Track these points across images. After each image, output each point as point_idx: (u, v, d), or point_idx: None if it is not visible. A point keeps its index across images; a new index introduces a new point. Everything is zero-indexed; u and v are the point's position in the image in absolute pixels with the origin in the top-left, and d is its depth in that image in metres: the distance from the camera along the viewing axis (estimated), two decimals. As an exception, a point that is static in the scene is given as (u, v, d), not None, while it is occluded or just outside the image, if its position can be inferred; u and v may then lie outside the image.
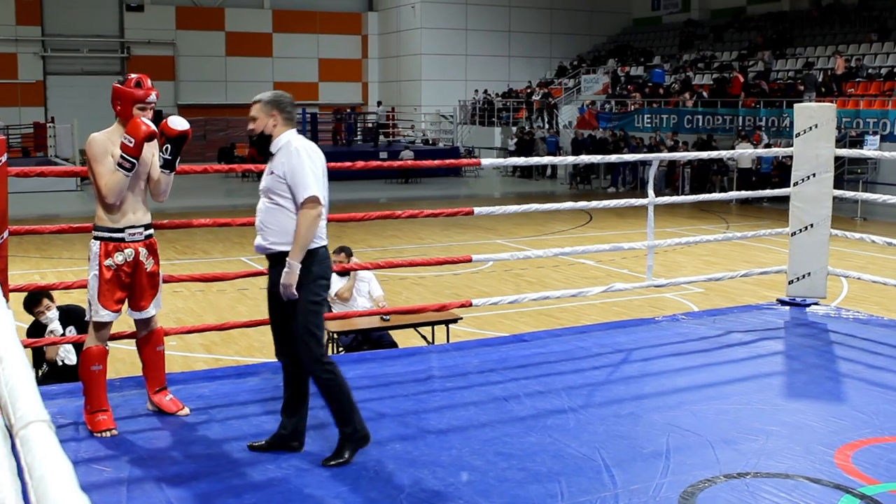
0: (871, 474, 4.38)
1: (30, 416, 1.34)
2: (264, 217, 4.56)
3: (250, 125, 4.64)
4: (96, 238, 4.98)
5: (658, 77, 33.10)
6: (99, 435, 4.86)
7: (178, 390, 5.52)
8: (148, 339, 5.31)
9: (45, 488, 1.14)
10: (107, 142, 4.92)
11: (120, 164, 4.82)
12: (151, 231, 5.16)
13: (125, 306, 5.14)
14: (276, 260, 4.54)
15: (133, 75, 5.09)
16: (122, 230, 4.96)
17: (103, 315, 4.97)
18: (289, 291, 4.44)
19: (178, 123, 5.01)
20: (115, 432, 4.90)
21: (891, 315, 8.90)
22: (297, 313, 4.52)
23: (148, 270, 5.10)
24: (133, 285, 5.07)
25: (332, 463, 4.47)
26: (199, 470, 4.49)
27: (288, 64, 41.71)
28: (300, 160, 4.44)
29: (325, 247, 4.60)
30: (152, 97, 5.03)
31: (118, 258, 4.96)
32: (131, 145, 4.78)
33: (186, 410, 5.25)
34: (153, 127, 4.85)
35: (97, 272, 4.95)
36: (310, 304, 4.50)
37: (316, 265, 4.50)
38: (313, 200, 4.40)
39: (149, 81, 5.08)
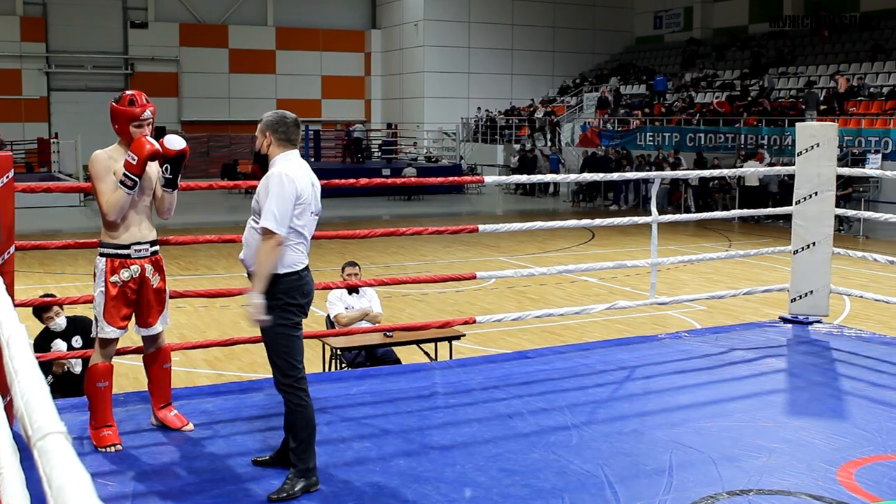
0: (873, 492, 4.39)
1: (47, 427, 1.37)
2: (246, 234, 4.59)
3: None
4: (102, 255, 4.98)
5: (660, 85, 33.38)
6: (104, 450, 4.87)
7: (182, 406, 5.54)
8: (155, 356, 5.30)
9: (64, 498, 1.16)
10: (109, 160, 4.93)
11: (122, 182, 4.82)
12: (157, 248, 5.16)
13: (132, 323, 5.15)
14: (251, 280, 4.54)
15: (128, 92, 5.05)
16: (127, 247, 4.96)
17: (109, 332, 4.97)
18: (252, 322, 4.44)
19: (174, 143, 4.99)
20: (119, 447, 4.91)
21: (893, 333, 8.91)
22: (266, 337, 4.52)
23: (154, 287, 5.10)
24: (139, 302, 5.07)
25: (278, 497, 4.30)
26: (203, 485, 4.50)
27: (291, 81, 41.84)
28: (271, 188, 4.38)
29: (297, 272, 4.48)
30: (147, 114, 4.96)
31: (124, 275, 4.95)
32: (134, 163, 4.79)
33: (191, 426, 5.25)
34: (157, 146, 4.85)
35: (103, 289, 4.95)
36: (278, 327, 4.43)
37: (283, 292, 4.42)
38: (269, 232, 4.33)
39: (144, 98, 5.02)
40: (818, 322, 8.12)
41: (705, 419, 5.54)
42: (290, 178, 4.39)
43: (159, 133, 4.94)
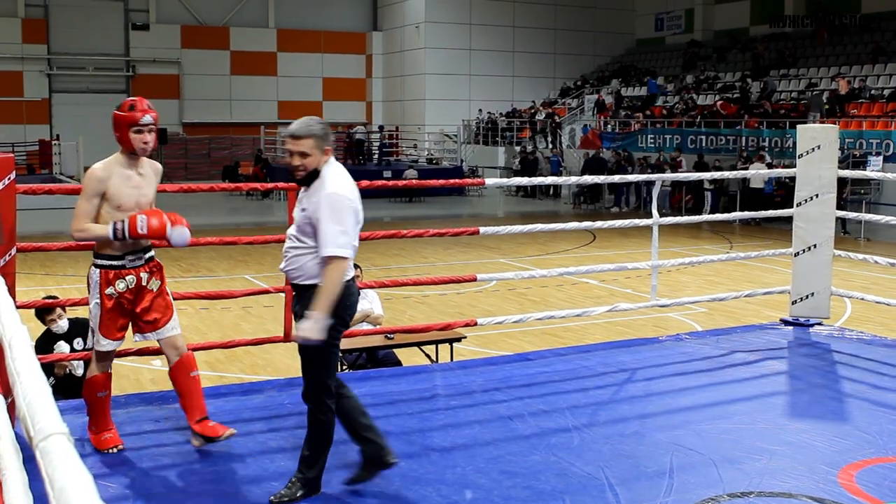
0: (874, 494, 4.39)
1: (49, 428, 1.37)
2: (290, 251, 4.38)
3: (298, 160, 4.26)
4: (96, 266, 4.84)
5: (652, 88, 33.69)
6: (106, 452, 4.86)
7: (184, 407, 5.53)
8: (179, 366, 5.00)
9: (66, 499, 1.17)
10: (100, 182, 4.74)
11: (115, 231, 4.68)
12: (152, 253, 5.03)
13: (130, 332, 5.01)
14: (301, 290, 4.37)
15: (128, 98, 4.93)
16: (122, 257, 4.82)
17: (105, 345, 4.86)
18: (302, 339, 4.22)
19: (179, 239, 4.83)
20: (121, 447, 4.90)
21: (894, 335, 8.90)
22: (304, 348, 4.36)
23: (155, 291, 4.95)
24: (140, 309, 4.91)
25: (279, 500, 4.26)
26: (204, 486, 4.51)
27: (292, 83, 41.86)
28: (330, 209, 4.19)
29: (345, 283, 4.32)
30: (148, 118, 4.79)
31: (119, 286, 4.81)
32: (140, 231, 4.66)
33: (231, 430, 4.94)
34: (167, 237, 4.72)
35: (98, 301, 4.82)
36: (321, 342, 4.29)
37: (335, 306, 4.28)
38: (337, 259, 4.18)
39: (145, 103, 4.87)
40: (819, 324, 8.12)
41: (706, 421, 5.54)
42: (350, 199, 4.25)
43: (161, 136, 4.87)
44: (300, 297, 4.37)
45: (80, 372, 6.91)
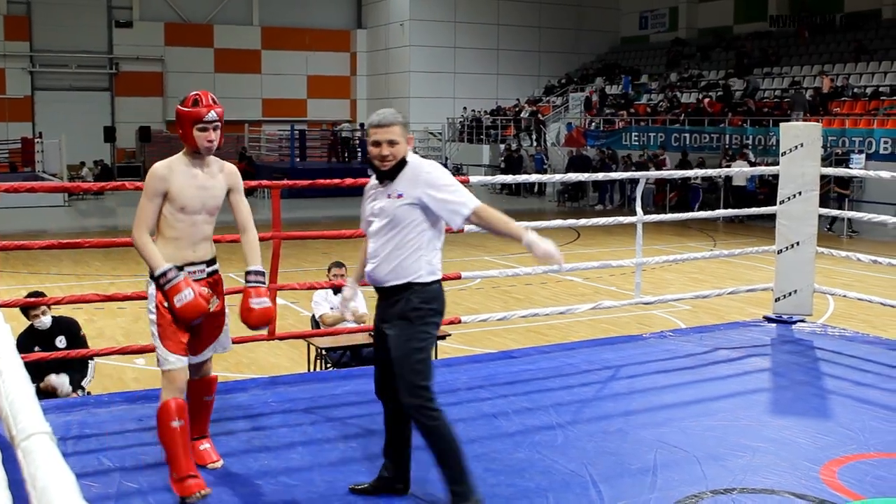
0: (856, 490, 4.42)
1: (31, 427, 1.36)
2: (381, 250, 4.14)
3: (388, 149, 4.09)
4: (152, 277, 4.36)
5: (626, 86, 34.50)
6: (191, 498, 4.22)
7: (167, 406, 5.51)
8: (198, 385, 4.66)
9: (48, 498, 1.16)
10: (162, 181, 4.35)
11: (161, 275, 4.29)
12: (216, 266, 4.62)
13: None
14: (387, 294, 4.16)
15: (191, 94, 4.51)
16: (180, 269, 4.39)
17: (174, 361, 4.32)
18: (553, 257, 4.15)
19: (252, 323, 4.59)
20: (208, 491, 4.28)
21: (876, 332, 8.96)
22: (397, 351, 4.10)
23: (212, 310, 4.52)
24: (193, 327, 4.49)
25: None
26: (189, 485, 4.48)
27: (277, 81, 41.78)
28: (444, 180, 4.08)
29: (438, 281, 4.16)
30: (212, 115, 4.42)
31: None
32: (176, 304, 4.27)
33: (220, 463, 4.68)
34: (199, 313, 4.35)
35: (155, 317, 4.35)
36: (412, 340, 4.10)
37: (429, 300, 4.12)
38: (479, 207, 4.05)
39: (210, 98, 4.48)
40: (802, 321, 8.16)
41: (690, 418, 5.56)
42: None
43: (145, 133, 4.78)
44: (390, 299, 4.16)
45: (67, 389, 6.82)
